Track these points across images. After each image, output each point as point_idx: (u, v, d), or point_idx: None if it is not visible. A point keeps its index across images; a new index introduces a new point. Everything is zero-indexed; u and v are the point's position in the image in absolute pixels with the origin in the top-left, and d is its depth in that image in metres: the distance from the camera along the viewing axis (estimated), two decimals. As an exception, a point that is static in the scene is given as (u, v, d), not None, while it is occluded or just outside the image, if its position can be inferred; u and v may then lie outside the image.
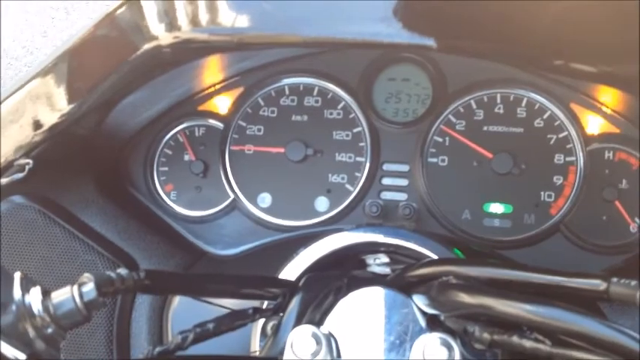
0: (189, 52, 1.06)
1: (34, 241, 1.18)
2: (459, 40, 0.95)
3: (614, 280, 0.75)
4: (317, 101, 1.36)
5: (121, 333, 1.19)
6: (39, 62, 1.11)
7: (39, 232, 1.18)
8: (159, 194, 1.39)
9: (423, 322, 0.94)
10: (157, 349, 0.86)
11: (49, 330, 0.71)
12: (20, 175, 1.09)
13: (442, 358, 0.77)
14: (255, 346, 1.05)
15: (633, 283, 0.73)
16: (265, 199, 1.35)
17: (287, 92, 1.37)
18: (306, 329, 0.79)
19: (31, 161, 1.10)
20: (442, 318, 0.92)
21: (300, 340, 0.79)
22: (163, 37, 1.00)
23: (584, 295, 0.78)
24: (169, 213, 1.38)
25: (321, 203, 1.34)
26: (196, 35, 1.00)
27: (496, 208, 1.28)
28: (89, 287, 0.73)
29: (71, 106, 1.07)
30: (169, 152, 1.40)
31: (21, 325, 0.69)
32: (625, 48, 0.86)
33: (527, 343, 0.78)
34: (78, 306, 0.72)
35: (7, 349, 0.67)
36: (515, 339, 0.80)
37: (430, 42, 0.92)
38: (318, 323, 0.95)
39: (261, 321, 1.03)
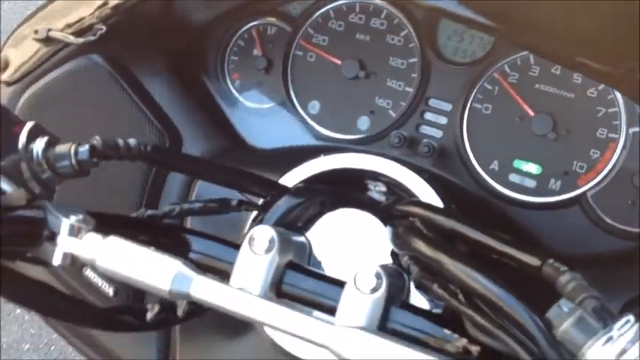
0: None
1: (97, 97, 1.33)
2: None
3: (550, 261, 0.79)
4: (382, 24, 1.39)
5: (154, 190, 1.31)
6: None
7: (103, 90, 1.32)
8: (224, 79, 1.51)
9: (383, 254, 1.01)
10: (148, 213, 1.00)
11: (45, 175, 0.85)
12: (93, 37, 1.23)
13: (370, 286, 0.83)
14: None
15: (563, 269, 0.77)
16: (315, 106, 1.44)
17: (357, 9, 1.41)
18: (267, 229, 0.87)
19: (104, 27, 1.24)
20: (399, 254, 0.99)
21: (258, 237, 0.87)
22: None
23: (522, 267, 0.82)
24: (228, 98, 1.50)
25: (363, 122, 1.40)
26: None
27: (526, 166, 1.29)
28: (84, 148, 0.87)
29: None
30: (242, 44, 1.50)
31: (21, 166, 0.84)
32: None
33: (443, 294, 0.84)
34: (72, 162, 0.86)
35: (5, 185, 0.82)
36: (435, 287, 0.85)
37: None
38: (297, 228, 1.05)
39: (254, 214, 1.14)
